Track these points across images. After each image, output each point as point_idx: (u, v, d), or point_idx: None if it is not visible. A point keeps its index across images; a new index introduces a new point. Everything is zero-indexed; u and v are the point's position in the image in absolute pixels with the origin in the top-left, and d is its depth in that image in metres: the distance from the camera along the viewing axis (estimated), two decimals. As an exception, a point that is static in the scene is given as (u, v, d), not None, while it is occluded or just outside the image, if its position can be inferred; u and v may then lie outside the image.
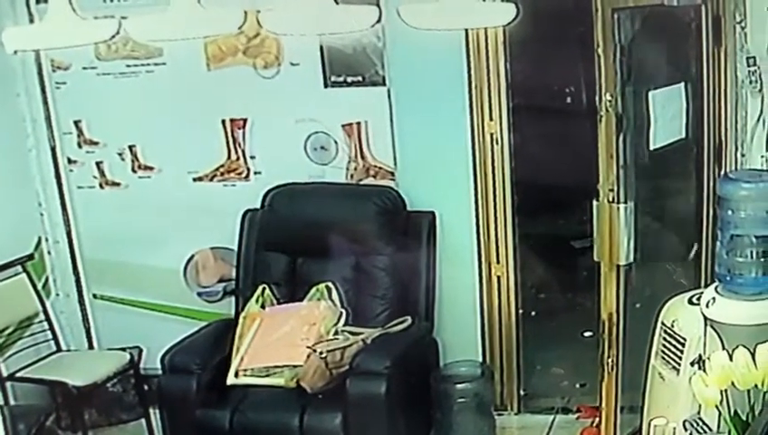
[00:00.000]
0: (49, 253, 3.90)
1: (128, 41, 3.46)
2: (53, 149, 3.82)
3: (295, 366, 3.23)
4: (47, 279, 3.89)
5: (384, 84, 3.49)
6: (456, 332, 3.60)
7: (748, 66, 2.85)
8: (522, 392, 3.71)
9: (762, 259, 2.40)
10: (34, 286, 3.65)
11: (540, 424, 3.65)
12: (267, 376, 3.25)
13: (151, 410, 3.59)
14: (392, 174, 3.60)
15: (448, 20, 2.22)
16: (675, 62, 3.03)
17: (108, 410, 3.78)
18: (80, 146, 3.81)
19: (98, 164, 3.82)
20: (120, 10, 3.33)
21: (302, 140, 3.63)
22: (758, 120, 2.84)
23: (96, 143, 3.80)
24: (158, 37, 2.49)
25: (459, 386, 3.42)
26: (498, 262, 3.55)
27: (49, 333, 3.65)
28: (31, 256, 3.73)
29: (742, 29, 2.86)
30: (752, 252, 2.40)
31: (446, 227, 3.55)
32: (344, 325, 3.40)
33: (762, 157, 2.82)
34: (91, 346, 3.99)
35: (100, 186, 3.84)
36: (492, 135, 3.42)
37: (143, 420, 3.65)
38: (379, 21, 2.09)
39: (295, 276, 3.57)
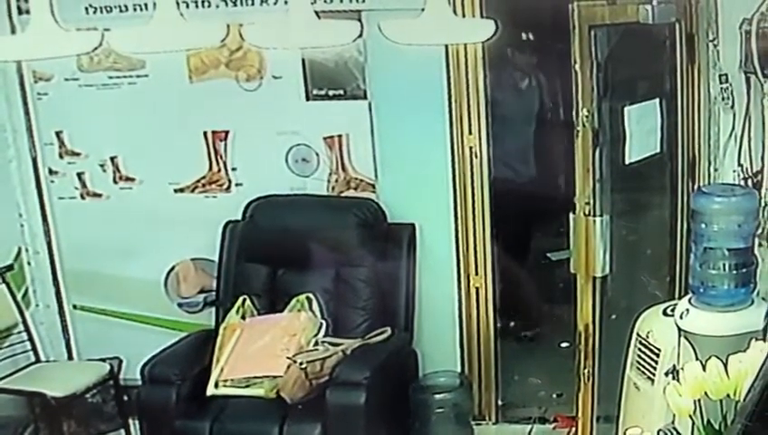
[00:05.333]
0: (29, 263, 3.88)
1: (110, 53, 3.47)
2: (34, 160, 3.81)
3: (275, 377, 3.24)
4: (27, 290, 3.86)
5: (365, 98, 3.52)
6: (434, 342, 3.62)
7: (720, 83, 2.89)
8: (499, 402, 3.74)
9: (734, 271, 2.44)
10: (14, 297, 3.64)
11: (517, 434, 3.68)
12: (247, 387, 3.26)
13: (131, 421, 3.58)
14: (373, 186, 3.62)
15: (429, 35, 2.26)
16: (650, 79, 3.07)
17: (87, 422, 3.75)
18: (61, 157, 3.80)
19: (79, 175, 3.81)
20: (102, 22, 3.35)
21: (283, 152, 3.64)
22: (730, 135, 2.88)
23: (78, 154, 3.80)
24: (140, 49, 2.51)
25: (438, 396, 3.44)
26: (477, 274, 3.58)
27: (28, 343, 3.63)
28: (10, 267, 3.71)
29: (714, 47, 2.91)
30: (724, 264, 2.44)
31: (426, 239, 3.58)
32: (324, 336, 3.41)
33: (734, 171, 2.86)
34: (70, 357, 3.96)
35: (82, 197, 3.83)
36: (471, 148, 3.46)
37: (122, 431, 3.64)
38: (360, 35, 2.13)
39: (276, 287, 3.58)
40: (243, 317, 3.49)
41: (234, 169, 3.71)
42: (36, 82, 3.73)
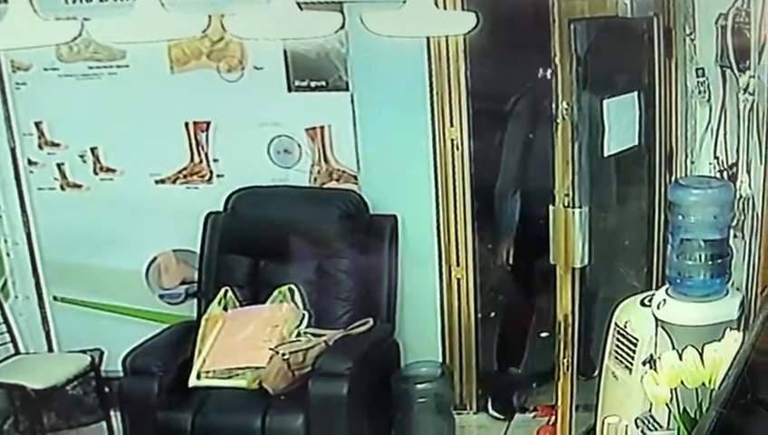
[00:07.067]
0: (8, 255, 3.85)
1: (90, 43, 3.45)
2: (13, 151, 3.78)
3: (258, 368, 3.25)
4: (6, 281, 3.84)
5: (347, 89, 3.52)
6: (416, 333, 3.65)
7: (697, 77, 2.92)
8: (480, 392, 3.78)
9: (710, 262, 2.48)
10: (-7, 288, 3.63)
11: (498, 423, 3.72)
12: (229, 378, 3.26)
13: (112, 413, 3.57)
14: (355, 178, 3.63)
15: (410, 27, 2.27)
16: (628, 72, 3.10)
17: (68, 414, 3.75)
18: (41, 147, 3.78)
19: (59, 166, 3.79)
20: (82, 11, 3.33)
21: (265, 143, 3.65)
22: (706, 128, 2.91)
23: (57, 145, 3.78)
24: (121, 40, 2.50)
25: (419, 386, 3.46)
26: (458, 265, 3.61)
27: (7, 335, 3.62)
28: (-11, 258, 3.71)
29: (691, 41, 2.94)
30: (700, 255, 2.48)
31: (408, 231, 3.60)
32: (307, 327, 3.42)
33: (710, 164, 2.89)
34: (50, 349, 3.94)
35: (62, 187, 3.81)
36: (452, 141, 3.48)
37: (104, 423, 3.62)
38: (342, 27, 2.14)
39: (258, 279, 3.59)
40: (225, 308, 3.49)
41: (215, 161, 3.70)
42: (15, 72, 3.70)
